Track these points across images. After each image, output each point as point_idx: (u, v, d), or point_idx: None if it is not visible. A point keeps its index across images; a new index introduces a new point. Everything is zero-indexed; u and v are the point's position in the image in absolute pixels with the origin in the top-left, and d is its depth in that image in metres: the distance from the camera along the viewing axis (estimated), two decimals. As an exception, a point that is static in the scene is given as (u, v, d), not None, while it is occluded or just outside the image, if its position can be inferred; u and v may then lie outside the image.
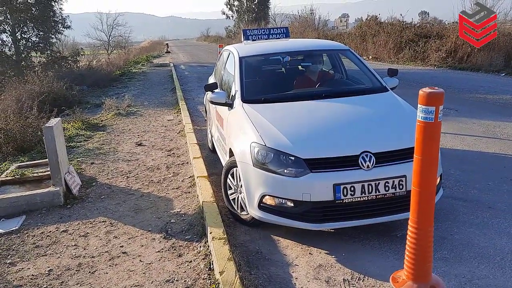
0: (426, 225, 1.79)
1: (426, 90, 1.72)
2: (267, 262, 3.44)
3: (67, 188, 5.01)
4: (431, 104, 1.67)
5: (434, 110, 1.67)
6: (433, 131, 1.69)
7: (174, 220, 4.27)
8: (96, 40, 48.84)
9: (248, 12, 60.71)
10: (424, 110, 1.69)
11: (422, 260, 1.83)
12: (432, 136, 1.70)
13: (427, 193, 1.76)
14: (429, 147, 1.71)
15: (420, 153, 1.74)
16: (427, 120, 1.69)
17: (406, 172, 3.47)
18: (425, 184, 1.75)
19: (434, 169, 1.76)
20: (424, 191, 1.76)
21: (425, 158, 1.72)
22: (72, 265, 3.55)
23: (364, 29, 24.89)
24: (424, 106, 1.69)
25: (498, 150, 6.01)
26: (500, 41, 16.23)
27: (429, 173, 1.74)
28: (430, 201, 1.78)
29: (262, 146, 3.68)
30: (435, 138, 1.70)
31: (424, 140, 1.71)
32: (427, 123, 1.69)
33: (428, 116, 1.68)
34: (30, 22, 21.32)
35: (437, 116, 1.67)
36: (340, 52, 5.72)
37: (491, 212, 4.10)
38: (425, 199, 1.77)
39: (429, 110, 1.67)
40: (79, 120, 8.66)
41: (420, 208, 1.78)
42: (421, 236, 1.80)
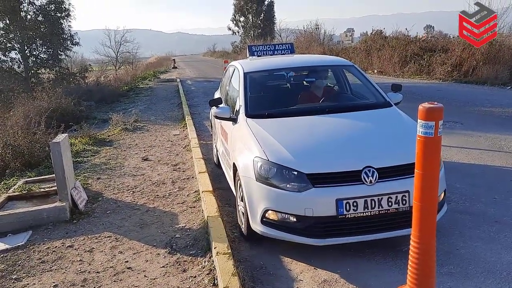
0: (428, 239, 1.79)
1: (426, 105, 1.74)
2: (272, 277, 3.43)
3: (73, 203, 5.04)
4: (431, 119, 1.69)
5: (434, 125, 1.68)
6: (433, 146, 1.71)
7: (179, 235, 4.28)
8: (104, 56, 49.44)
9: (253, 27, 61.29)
10: (424, 125, 1.71)
11: (425, 275, 1.82)
12: (432, 150, 1.71)
13: (429, 207, 1.76)
14: (429, 162, 1.72)
15: (421, 168, 1.75)
16: (427, 135, 1.70)
17: (409, 188, 3.45)
18: (427, 199, 1.76)
19: (435, 183, 1.77)
20: (425, 206, 1.76)
21: (426, 172, 1.73)
22: (77, 280, 3.56)
23: (369, 43, 25.00)
24: (424, 121, 1.70)
25: (504, 164, 5.98)
26: (505, 54, 16.25)
27: (430, 188, 1.75)
28: (431, 215, 1.78)
29: (265, 161, 3.69)
30: (435, 152, 1.71)
31: (424, 154, 1.73)
32: (427, 137, 1.70)
33: (428, 131, 1.69)
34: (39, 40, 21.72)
35: (437, 131, 1.68)
36: (344, 68, 5.75)
37: (498, 226, 4.06)
38: (426, 214, 1.78)
39: (429, 125, 1.69)
40: (86, 136, 8.75)
41: (422, 222, 1.78)
42: (424, 250, 1.79)
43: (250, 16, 61.94)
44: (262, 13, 61.63)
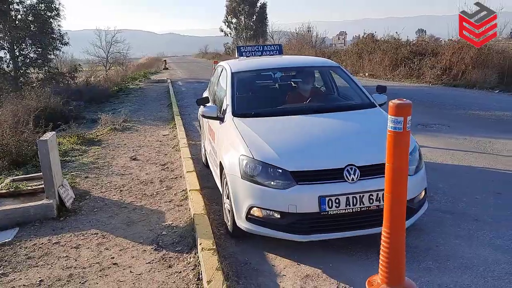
0: (398, 229, 1.86)
1: (395, 101, 1.81)
2: (256, 273, 3.49)
3: (61, 201, 5.05)
4: (400, 115, 1.76)
5: (403, 120, 1.76)
6: (402, 140, 1.78)
7: (166, 232, 4.32)
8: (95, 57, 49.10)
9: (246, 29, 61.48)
10: (393, 120, 1.78)
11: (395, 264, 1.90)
12: (401, 144, 1.79)
13: (398, 198, 1.84)
14: (398, 155, 1.79)
15: (391, 161, 1.82)
16: (396, 130, 1.78)
17: None
18: (396, 190, 1.83)
19: (405, 175, 1.84)
20: (395, 197, 1.84)
21: (395, 165, 1.81)
22: (63, 276, 3.58)
23: (361, 46, 25.20)
24: (394, 117, 1.78)
25: (487, 165, 6.10)
26: (494, 58, 16.49)
27: (399, 180, 1.82)
28: (401, 206, 1.85)
29: (250, 159, 3.76)
30: (404, 146, 1.79)
31: (394, 148, 1.80)
32: (397, 132, 1.78)
33: (397, 126, 1.77)
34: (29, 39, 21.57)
35: (405, 126, 1.75)
36: (331, 69, 5.84)
37: (477, 224, 4.17)
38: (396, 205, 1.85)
39: (398, 120, 1.77)
40: (75, 135, 8.74)
41: (392, 213, 1.85)
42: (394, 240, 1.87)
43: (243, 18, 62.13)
44: (255, 15, 61.85)
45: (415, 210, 3.79)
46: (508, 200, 4.74)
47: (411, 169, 3.78)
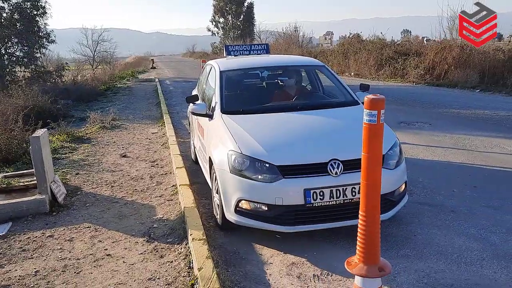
0: (374, 213, 2.05)
1: (370, 96, 2.01)
2: (244, 261, 3.67)
3: (53, 196, 5.17)
4: (374, 108, 1.95)
5: (377, 113, 1.95)
6: (376, 131, 1.97)
7: (157, 225, 4.47)
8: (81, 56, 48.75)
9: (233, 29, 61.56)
10: (368, 113, 1.98)
11: (371, 245, 2.09)
12: (375, 135, 1.97)
13: (373, 185, 2.03)
14: (373, 145, 1.98)
15: (367, 151, 2.02)
16: (371, 122, 1.97)
17: None
18: (371, 178, 2.02)
19: (379, 164, 2.03)
20: (370, 183, 2.03)
21: (370, 155, 2.00)
22: (58, 266, 3.72)
23: (347, 46, 25.51)
24: (368, 110, 1.97)
25: (465, 160, 6.36)
26: (475, 59, 16.87)
27: (374, 168, 2.01)
28: (376, 192, 2.04)
29: (238, 154, 3.92)
30: (378, 137, 1.98)
31: (369, 139, 1.99)
32: (371, 124, 1.97)
33: (371, 119, 1.96)
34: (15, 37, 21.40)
35: (379, 119, 1.94)
36: (316, 68, 6.03)
37: (453, 215, 4.40)
38: (371, 191, 2.04)
39: (372, 113, 1.96)
40: (64, 133, 8.82)
41: (368, 198, 2.04)
42: (369, 223, 2.06)
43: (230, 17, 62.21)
44: (242, 15, 61.98)
45: (396, 202, 3.99)
46: (483, 193, 4.99)
47: (392, 163, 3.99)
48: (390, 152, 4.04)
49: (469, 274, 3.29)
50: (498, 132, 8.05)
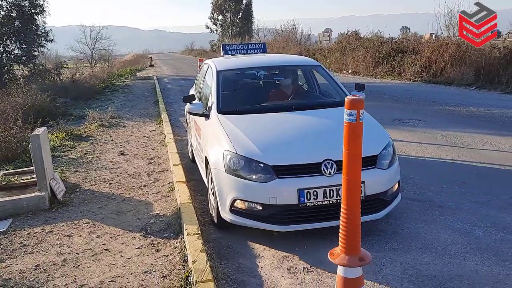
0: (355, 207, 2.18)
1: (350, 97, 2.14)
2: (237, 255, 3.81)
3: (52, 193, 5.29)
4: (354, 108, 2.08)
5: (356, 113, 2.08)
6: (356, 130, 2.10)
7: (154, 221, 4.61)
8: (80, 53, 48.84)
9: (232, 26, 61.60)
10: (348, 113, 2.10)
11: (352, 236, 2.21)
12: (355, 133, 2.10)
13: (354, 180, 2.15)
14: (353, 143, 2.11)
15: (347, 148, 2.14)
16: (351, 121, 2.10)
17: (364, 179, 3.81)
18: (352, 172, 2.15)
19: (359, 160, 2.15)
20: (351, 178, 2.15)
21: (351, 151, 2.12)
22: (58, 260, 3.85)
23: (344, 44, 25.63)
24: (348, 110, 2.10)
25: (456, 157, 6.50)
26: (471, 56, 17.00)
27: (354, 164, 2.14)
28: (356, 187, 2.17)
29: (234, 154, 4.02)
30: (358, 135, 2.10)
31: (349, 137, 2.12)
32: (351, 123, 2.10)
33: (351, 118, 2.09)
34: (13, 36, 21.47)
35: (358, 118, 2.07)
36: (312, 68, 6.12)
37: (441, 210, 4.54)
38: (352, 185, 2.16)
39: (352, 113, 2.09)
40: (63, 131, 8.94)
41: (349, 193, 2.17)
42: (351, 216, 2.18)
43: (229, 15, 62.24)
44: (241, 12, 62.02)
45: (389, 202, 4.08)
46: (471, 189, 5.13)
47: (385, 163, 4.07)
48: (383, 152, 4.11)
49: (452, 266, 3.43)
50: (490, 129, 8.19)
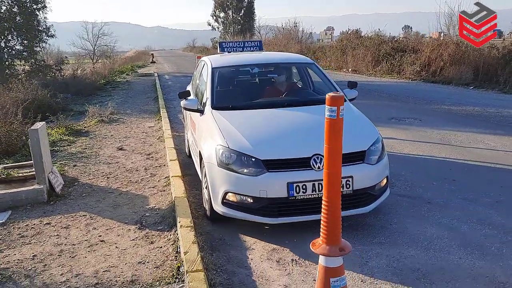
0: (335, 199, 2.28)
1: (330, 94, 2.25)
2: (228, 247, 3.92)
3: (51, 186, 5.40)
4: (334, 105, 2.18)
5: (336, 109, 2.18)
6: (336, 125, 2.20)
7: (149, 214, 4.72)
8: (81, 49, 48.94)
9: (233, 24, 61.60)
10: (329, 109, 2.21)
11: (332, 227, 2.32)
12: (335, 129, 2.20)
13: (335, 172, 2.25)
14: (334, 138, 2.21)
15: (328, 143, 2.25)
16: (331, 117, 2.20)
17: (352, 173, 3.95)
18: (333, 166, 2.25)
19: (339, 154, 2.25)
20: (331, 172, 2.25)
21: (331, 146, 2.23)
22: (55, 251, 3.96)
23: (345, 42, 25.68)
24: (329, 107, 2.21)
25: (448, 155, 6.59)
26: (470, 56, 17.06)
27: (335, 158, 2.23)
28: (337, 179, 2.27)
29: (226, 148, 4.14)
30: (338, 130, 2.20)
31: (330, 132, 2.22)
32: (332, 119, 2.20)
33: (332, 114, 2.19)
34: (14, 31, 21.57)
35: (338, 114, 2.17)
36: (306, 66, 6.22)
37: (429, 206, 4.65)
38: (333, 178, 2.26)
39: (332, 109, 2.19)
40: (63, 126, 9.04)
41: (330, 186, 2.26)
42: (331, 208, 2.28)
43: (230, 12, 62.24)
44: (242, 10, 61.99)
45: (377, 196, 4.19)
46: (461, 186, 5.23)
47: (373, 158, 4.19)
48: (372, 148, 4.23)
49: (436, 260, 3.53)
50: (485, 129, 8.28)
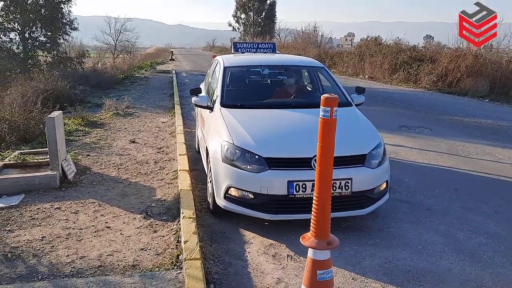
0: (325, 194, 2.39)
1: (325, 95, 2.37)
2: (227, 240, 4.07)
3: (63, 173, 5.61)
4: (328, 106, 2.30)
5: (330, 110, 2.30)
6: (329, 125, 2.32)
7: (155, 205, 4.88)
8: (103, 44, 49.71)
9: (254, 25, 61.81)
10: (323, 110, 2.33)
11: (322, 221, 2.43)
12: (329, 129, 2.32)
13: (326, 170, 2.38)
14: (327, 137, 2.33)
15: (321, 141, 2.37)
16: (325, 117, 2.32)
17: (352, 175, 4.06)
18: (324, 164, 2.37)
19: (331, 153, 2.37)
20: (323, 169, 2.37)
21: (324, 145, 2.35)
22: (62, 234, 4.14)
23: (363, 49, 25.65)
24: (323, 107, 2.33)
25: (453, 165, 6.64)
26: (488, 68, 16.94)
27: (327, 156, 2.36)
28: (328, 176, 2.39)
29: (231, 145, 4.29)
30: (331, 130, 2.32)
31: (323, 131, 2.34)
32: (325, 119, 2.32)
33: (326, 114, 2.31)
34: (39, 22, 22.11)
35: (332, 114, 2.29)
36: (316, 69, 6.33)
37: (428, 213, 4.73)
38: (324, 175, 2.38)
39: (326, 110, 2.31)
40: (79, 117, 9.31)
41: (321, 181, 2.38)
42: (322, 203, 2.40)
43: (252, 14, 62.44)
44: (264, 12, 62.16)
45: (375, 199, 4.29)
46: (462, 195, 5.29)
47: (374, 162, 4.29)
48: (373, 152, 4.33)
49: (427, 263, 3.63)
50: (494, 141, 8.28)
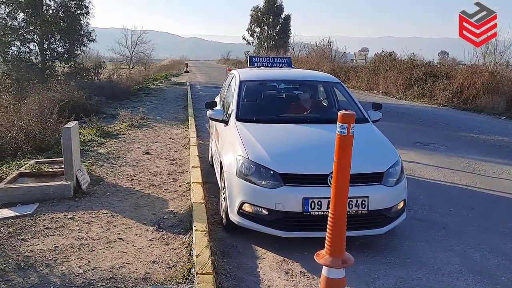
0: (341, 212, 2.37)
1: (342, 112, 2.35)
2: (240, 254, 4.03)
3: (77, 183, 5.65)
4: (345, 122, 2.29)
5: (347, 126, 2.28)
6: (346, 142, 2.30)
7: (167, 217, 4.88)
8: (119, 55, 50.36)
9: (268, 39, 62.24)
10: (340, 126, 2.31)
11: (337, 239, 2.40)
12: (345, 145, 2.30)
13: (342, 187, 2.35)
14: (343, 153, 2.31)
15: (338, 158, 2.35)
16: (342, 134, 2.30)
17: (369, 194, 3.98)
18: (341, 181, 2.34)
19: (347, 170, 2.35)
20: (339, 186, 2.35)
21: (340, 161, 2.33)
22: (75, 244, 4.15)
23: (378, 64, 25.61)
24: (340, 123, 2.31)
25: (469, 183, 6.53)
26: (505, 86, 16.77)
27: (343, 173, 2.33)
28: (344, 193, 2.36)
29: (246, 160, 4.25)
30: (348, 147, 2.30)
31: (340, 148, 2.32)
32: (342, 135, 2.30)
33: (343, 131, 2.30)
34: (58, 34, 22.52)
35: (349, 131, 2.27)
36: (332, 85, 6.30)
37: (444, 231, 4.64)
38: (340, 193, 2.35)
39: (343, 126, 2.29)
40: (94, 128, 9.40)
41: (337, 198, 2.36)
42: (337, 221, 2.37)
43: (266, 28, 62.96)
44: (278, 26, 62.67)
45: (392, 219, 4.20)
46: (478, 215, 5.19)
47: (391, 181, 4.21)
48: (390, 170, 4.25)
49: (443, 284, 3.54)
50: (510, 160, 8.14)
